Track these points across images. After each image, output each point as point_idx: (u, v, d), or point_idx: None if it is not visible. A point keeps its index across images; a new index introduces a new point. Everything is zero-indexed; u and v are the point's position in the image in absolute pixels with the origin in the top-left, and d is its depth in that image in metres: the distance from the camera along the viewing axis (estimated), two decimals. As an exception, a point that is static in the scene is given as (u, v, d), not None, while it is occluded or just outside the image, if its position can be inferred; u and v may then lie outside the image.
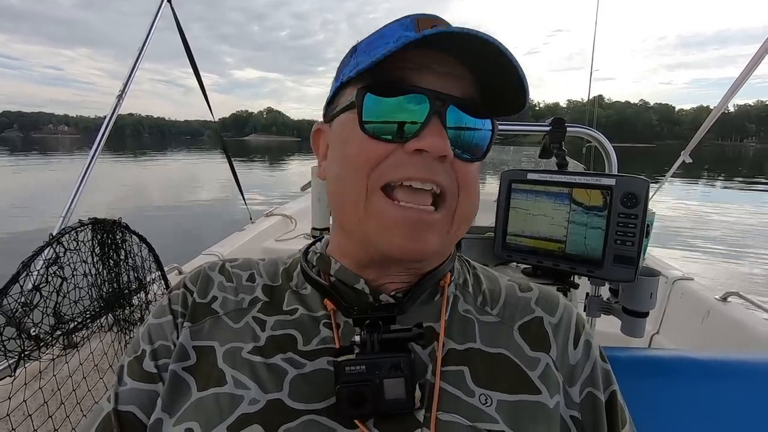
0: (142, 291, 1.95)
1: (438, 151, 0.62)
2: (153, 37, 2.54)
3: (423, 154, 0.63)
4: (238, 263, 0.84)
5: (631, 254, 1.36)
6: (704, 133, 3.49)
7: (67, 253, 1.55)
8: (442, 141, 0.62)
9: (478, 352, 0.71)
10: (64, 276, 1.52)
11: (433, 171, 0.64)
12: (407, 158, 0.63)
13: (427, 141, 0.62)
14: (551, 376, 0.71)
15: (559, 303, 0.80)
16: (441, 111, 0.63)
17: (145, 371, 0.71)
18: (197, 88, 3.42)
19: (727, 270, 8.92)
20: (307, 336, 0.71)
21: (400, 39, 0.59)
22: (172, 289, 0.79)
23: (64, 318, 1.56)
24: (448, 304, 0.75)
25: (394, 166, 0.64)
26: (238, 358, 0.69)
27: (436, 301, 0.76)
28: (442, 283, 0.77)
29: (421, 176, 0.63)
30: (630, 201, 1.34)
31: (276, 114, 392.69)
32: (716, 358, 1.14)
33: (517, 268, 1.76)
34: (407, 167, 0.63)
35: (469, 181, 0.68)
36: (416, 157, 0.63)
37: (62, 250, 1.53)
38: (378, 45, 0.67)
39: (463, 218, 0.69)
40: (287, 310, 0.75)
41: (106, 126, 2.30)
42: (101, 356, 1.74)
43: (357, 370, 0.63)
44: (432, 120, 0.63)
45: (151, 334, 0.74)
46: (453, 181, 0.66)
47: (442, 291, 0.76)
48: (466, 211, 0.69)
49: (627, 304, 1.54)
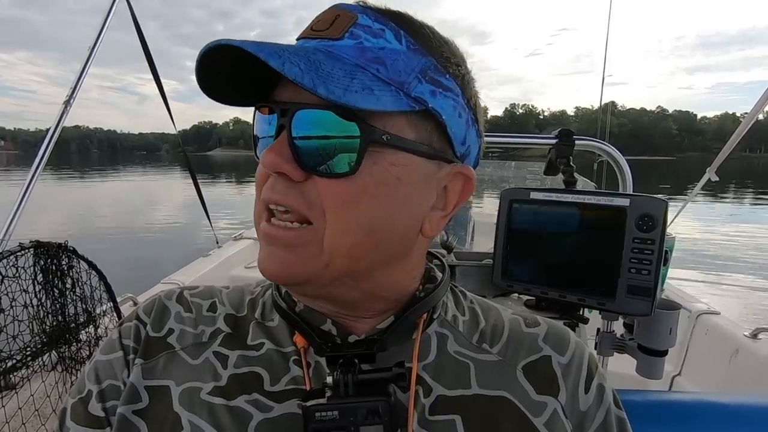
0: (92, 325, 1.94)
1: (269, 168, 0.62)
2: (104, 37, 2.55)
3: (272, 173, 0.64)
4: (198, 291, 0.83)
5: (648, 285, 1.36)
6: (733, 146, 3.51)
7: (4, 281, 1.53)
8: (271, 156, 0.61)
9: (474, 397, 0.71)
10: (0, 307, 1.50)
11: (279, 192, 0.63)
12: (269, 181, 0.65)
13: (261, 158, 0.63)
14: (559, 423, 0.71)
15: (570, 341, 0.80)
16: (286, 123, 0.62)
17: (91, 415, 0.70)
18: (153, 95, 3.44)
19: (757, 303, 8.92)
20: (275, 375, 0.71)
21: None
22: (123, 321, 0.78)
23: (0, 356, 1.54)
24: (430, 344, 0.75)
25: (265, 188, 0.65)
26: (196, 399, 0.68)
27: (415, 339, 0.74)
28: (417, 321, 0.74)
29: (273, 198, 0.64)
30: (646, 224, 1.36)
31: (244, 125, 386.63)
32: (746, 402, 1.14)
33: (519, 299, 1.76)
34: (267, 190, 0.65)
35: (334, 203, 0.62)
36: (271, 178, 0.64)
37: (-1, 278, 1.52)
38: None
39: (334, 249, 0.63)
40: (252, 345, 0.74)
41: (50, 137, 2.29)
42: (43, 399, 1.71)
43: (329, 416, 0.62)
44: (280, 134, 0.62)
45: (98, 372, 0.73)
46: (313, 204, 0.62)
47: (418, 329, 0.74)
48: (336, 240, 0.63)
49: (643, 341, 1.54)
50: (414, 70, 0.63)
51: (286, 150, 0.61)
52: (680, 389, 2.76)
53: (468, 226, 4.53)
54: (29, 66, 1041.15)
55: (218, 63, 0.60)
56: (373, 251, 0.66)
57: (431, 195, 0.69)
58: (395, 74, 0.62)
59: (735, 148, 3.56)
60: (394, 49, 0.63)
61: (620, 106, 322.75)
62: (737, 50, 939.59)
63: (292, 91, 0.62)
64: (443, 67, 0.66)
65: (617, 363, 1.80)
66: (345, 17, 0.64)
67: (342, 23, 0.63)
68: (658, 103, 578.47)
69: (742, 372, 2.44)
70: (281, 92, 0.64)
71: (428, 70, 0.64)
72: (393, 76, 0.62)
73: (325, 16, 0.65)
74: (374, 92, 0.60)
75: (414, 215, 0.68)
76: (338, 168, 0.61)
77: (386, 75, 0.62)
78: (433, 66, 0.65)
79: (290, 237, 0.63)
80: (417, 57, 0.64)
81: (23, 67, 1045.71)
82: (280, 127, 0.62)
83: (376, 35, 0.63)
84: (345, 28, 0.63)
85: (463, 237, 4.31)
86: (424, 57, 0.65)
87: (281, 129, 0.62)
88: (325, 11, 0.66)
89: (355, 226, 0.63)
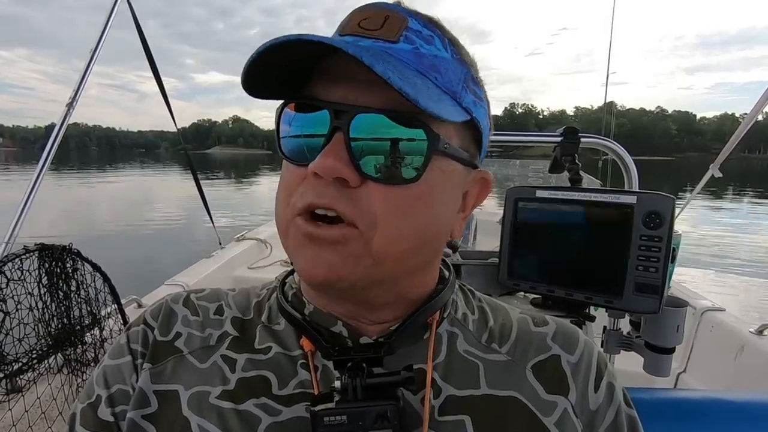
0: (97, 327, 1.94)
1: (326, 173, 0.59)
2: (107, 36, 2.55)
3: (319, 177, 0.60)
4: (204, 294, 0.83)
5: (655, 282, 1.36)
6: (736, 143, 3.53)
7: (10, 284, 1.54)
8: (330, 161, 0.59)
9: (484, 398, 0.70)
10: (6, 310, 1.51)
11: (325, 196, 0.61)
12: (312, 183, 0.61)
13: (317, 162, 0.59)
14: (569, 423, 0.71)
15: (579, 339, 0.80)
16: (342, 125, 0.59)
17: (100, 420, 0.70)
18: (152, 93, 3.45)
19: (762, 299, 8.93)
20: (283, 379, 0.70)
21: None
22: (130, 326, 0.78)
23: (6, 359, 1.54)
24: (441, 343, 0.75)
25: (302, 193, 0.62)
26: (204, 403, 0.68)
27: (426, 339, 0.74)
28: (429, 320, 0.74)
29: (320, 202, 0.61)
30: (653, 221, 1.35)
31: (243, 123, 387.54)
32: (751, 399, 1.14)
33: (525, 298, 1.76)
34: (310, 193, 0.61)
35: (387, 210, 0.61)
36: (315, 181, 0.61)
37: (4, 281, 1.52)
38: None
39: (382, 254, 0.62)
40: (260, 348, 0.74)
41: (55, 137, 2.30)
42: (50, 402, 1.71)
43: (337, 420, 0.61)
44: (333, 137, 0.60)
45: (107, 377, 0.73)
46: (363, 211, 0.61)
47: (431, 328, 0.75)
48: (384, 247, 0.62)
49: (650, 338, 1.54)
50: (461, 80, 0.65)
51: (344, 154, 0.59)
52: (685, 386, 2.76)
53: (470, 225, 4.52)
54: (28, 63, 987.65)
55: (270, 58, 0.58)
56: (418, 256, 0.67)
57: (459, 199, 0.71)
58: (449, 83, 0.63)
59: (734, 149, 3.57)
60: (444, 58, 0.64)
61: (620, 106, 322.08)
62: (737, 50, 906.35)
63: (345, 91, 0.61)
64: (476, 77, 0.68)
65: (624, 360, 1.80)
66: (396, 19, 0.63)
67: (394, 25, 0.63)
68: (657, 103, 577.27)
69: (747, 369, 2.44)
70: (328, 91, 0.62)
71: (468, 80, 0.66)
72: (447, 85, 0.63)
73: (373, 14, 0.64)
74: (442, 101, 0.60)
75: (449, 220, 0.70)
76: (404, 174, 0.61)
77: (442, 83, 0.63)
78: (471, 76, 0.67)
79: (337, 235, 0.61)
80: (460, 66, 0.66)
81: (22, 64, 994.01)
82: (334, 129, 0.60)
83: (428, 41, 0.63)
84: (399, 30, 0.63)
85: (466, 236, 4.29)
86: (464, 67, 0.66)
87: (334, 131, 0.60)
88: (366, 8, 0.65)
89: (408, 232, 0.63)
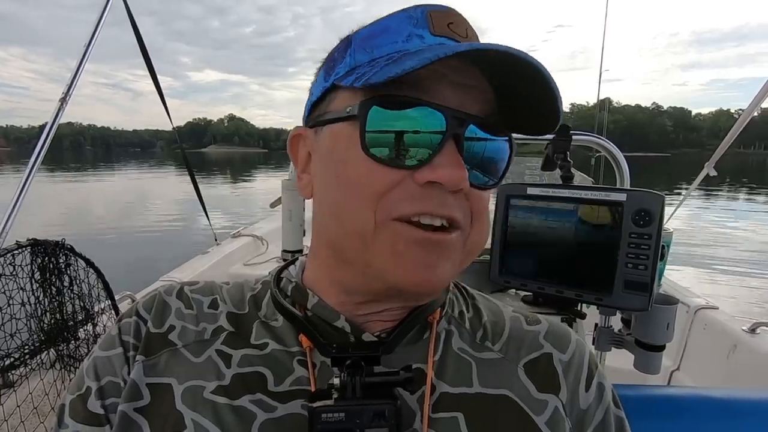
0: (90, 322, 1.93)
1: (454, 185, 0.59)
2: (100, 33, 2.54)
3: (435, 185, 0.60)
4: (198, 287, 0.82)
5: (644, 279, 1.37)
6: (731, 141, 3.52)
7: (1, 279, 1.53)
8: (460, 172, 0.59)
9: (476, 396, 0.71)
10: (-2, 305, 1.51)
11: (447, 205, 0.61)
12: (418, 190, 0.60)
13: (441, 172, 0.59)
14: (560, 422, 0.71)
15: (570, 338, 0.80)
16: (459, 134, 0.60)
17: (90, 412, 0.70)
18: (147, 92, 3.45)
19: (756, 297, 8.93)
20: (279, 375, 0.70)
21: (423, 51, 0.56)
22: (122, 317, 0.77)
23: (-3, 354, 1.54)
24: (439, 341, 0.75)
25: (403, 199, 0.60)
26: (199, 398, 0.67)
27: (425, 339, 0.74)
28: (430, 319, 0.75)
29: (435, 212, 0.61)
30: (643, 219, 1.36)
31: (239, 122, 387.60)
32: (744, 397, 1.14)
33: (516, 295, 1.76)
34: (419, 201, 0.60)
35: (482, 209, 0.66)
36: (429, 189, 0.60)
37: (-4, 276, 1.52)
38: (382, 42, 0.64)
39: (473, 250, 0.68)
40: (256, 344, 0.73)
41: (47, 134, 2.29)
42: (42, 397, 1.71)
43: (335, 418, 0.61)
44: (447, 145, 0.59)
45: (97, 368, 0.72)
46: (467, 213, 0.64)
47: (431, 328, 0.75)
48: (477, 242, 0.68)
49: (641, 336, 1.55)
50: None
51: (462, 163, 0.60)
52: (678, 384, 2.76)
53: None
54: (22, 62, 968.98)
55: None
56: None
57: None
58: None
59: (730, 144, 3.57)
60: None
61: (615, 103, 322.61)
62: (731, 47, 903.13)
63: (460, 97, 0.62)
64: None
65: (615, 358, 1.81)
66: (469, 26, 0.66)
67: (472, 33, 0.66)
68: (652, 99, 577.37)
69: (740, 367, 2.45)
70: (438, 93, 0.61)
71: None
72: None
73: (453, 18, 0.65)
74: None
75: None
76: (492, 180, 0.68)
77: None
78: None
79: (454, 241, 0.63)
80: None
81: (16, 63, 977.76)
82: (455, 137, 0.60)
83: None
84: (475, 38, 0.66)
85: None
86: None
87: (456, 139, 0.60)
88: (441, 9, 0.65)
89: (488, 227, 0.70)
